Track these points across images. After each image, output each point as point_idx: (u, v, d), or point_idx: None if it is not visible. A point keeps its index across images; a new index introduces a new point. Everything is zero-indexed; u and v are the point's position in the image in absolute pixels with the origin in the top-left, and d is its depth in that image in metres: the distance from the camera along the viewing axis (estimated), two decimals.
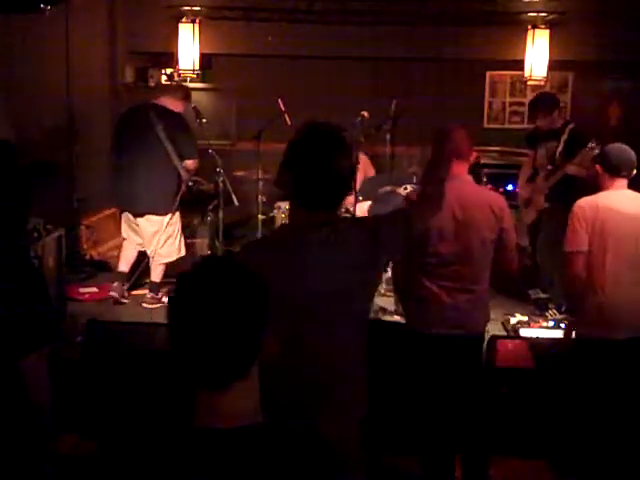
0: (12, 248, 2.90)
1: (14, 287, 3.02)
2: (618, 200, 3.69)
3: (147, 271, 6.02)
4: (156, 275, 5.86)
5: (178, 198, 5.71)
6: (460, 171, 3.46)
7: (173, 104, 5.73)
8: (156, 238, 5.73)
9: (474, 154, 3.61)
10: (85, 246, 6.14)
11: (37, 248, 4.77)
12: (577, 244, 3.65)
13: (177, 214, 5.81)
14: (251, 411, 1.41)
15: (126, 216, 5.85)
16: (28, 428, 2.51)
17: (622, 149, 3.76)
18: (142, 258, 5.91)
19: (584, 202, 3.72)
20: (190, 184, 5.69)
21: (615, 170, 3.72)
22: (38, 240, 4.82)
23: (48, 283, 3.90)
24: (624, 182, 3.74)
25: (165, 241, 5.74)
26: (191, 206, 6.96)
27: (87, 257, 6.18)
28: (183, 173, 5.65)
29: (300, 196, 2.40)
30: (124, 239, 5.92)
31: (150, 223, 5.72)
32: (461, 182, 3.47)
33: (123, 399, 4.01)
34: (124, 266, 5.89)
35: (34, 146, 5.60)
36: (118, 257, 5.98)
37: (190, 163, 5.67)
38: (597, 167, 3.80)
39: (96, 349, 4.34)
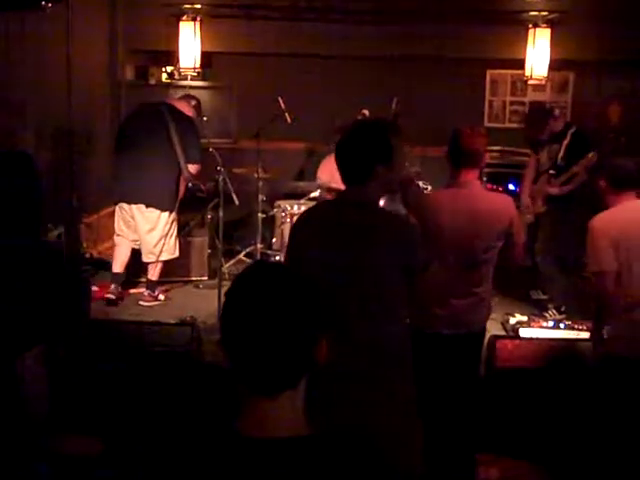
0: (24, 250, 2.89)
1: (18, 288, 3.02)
2: (636, 211, 3.53)
3: (141, 269, 6.01)
4: (153, 273, 5.86)
5: (179, 198, 5.78)
6: (470, 177, 3.42)
7: (186, 108, 5.91)
8: (151, 235, 5.72)
9: (485, 159, 3.54)
10: (85, 245, 6.13)
11: None
12: (601, 263, 3.48)
13: (174, 214, 5.83)
14: (299, 421, 1.37)
15: (121, 209, 5.81)
16: (21, 426, 2.51)
17: (626, 163, 3.59)
18: (137, 256, 5.88)
19: (601, 219, 3.54)
20: (189, 185, 5.79)
21: (621, 184, 3.56)
22: None
23: None
24: (632, 194, 3.57)
25: (159, 240, 5.73)
26: (190, 205, 6.95)
27: (87, 256, 6.17)
28: (186, 173, 5.73)
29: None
30: (117, 235, 5.87)
31: (145, 219, 5.72)
32: (471, 189, 3.43)
33: (123, 399, 4.01)
34: (118, 267, 5.86)
35: (34, 145, 5.59)
36: (112, 256, 5.95)
37: (193, 167, 5.76)
38: (601, 182, 3.62)
39: (96, 349, 4.34)
